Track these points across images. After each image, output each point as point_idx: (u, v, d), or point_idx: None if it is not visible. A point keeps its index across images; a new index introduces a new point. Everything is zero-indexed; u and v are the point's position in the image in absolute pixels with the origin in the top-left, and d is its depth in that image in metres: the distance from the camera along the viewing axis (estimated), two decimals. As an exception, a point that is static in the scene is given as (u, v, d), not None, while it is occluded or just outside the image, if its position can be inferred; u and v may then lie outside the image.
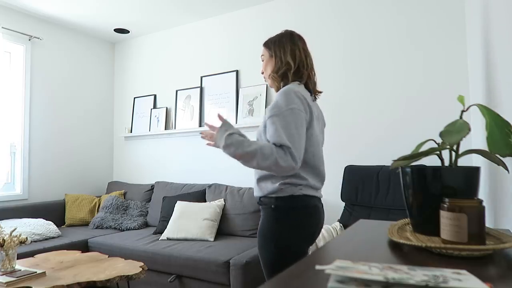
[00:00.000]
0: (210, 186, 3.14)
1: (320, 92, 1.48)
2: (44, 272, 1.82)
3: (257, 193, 1.39)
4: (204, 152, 3.46)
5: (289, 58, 1.39)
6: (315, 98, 1.47)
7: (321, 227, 1.43)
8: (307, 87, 1.41)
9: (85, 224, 3.41)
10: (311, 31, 2.96)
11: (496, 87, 1.32)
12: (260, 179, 1.36)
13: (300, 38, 1.46)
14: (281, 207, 1.31)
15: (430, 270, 0.51)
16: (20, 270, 1.82)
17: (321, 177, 1.39)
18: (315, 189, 1.37)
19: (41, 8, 3.31)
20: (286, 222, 1.30)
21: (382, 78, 2.64)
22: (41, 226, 2.87)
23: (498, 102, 1.27)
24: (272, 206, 1.32)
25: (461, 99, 0.90)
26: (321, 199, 1.45)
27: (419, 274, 0.48)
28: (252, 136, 3.12)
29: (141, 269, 1.94)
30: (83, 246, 2.83)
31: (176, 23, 3.70)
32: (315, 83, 1.45)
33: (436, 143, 0.84)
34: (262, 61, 1.49)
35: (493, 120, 0.81)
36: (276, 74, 1.41)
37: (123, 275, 1.82)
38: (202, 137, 1.35)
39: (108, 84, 4.19)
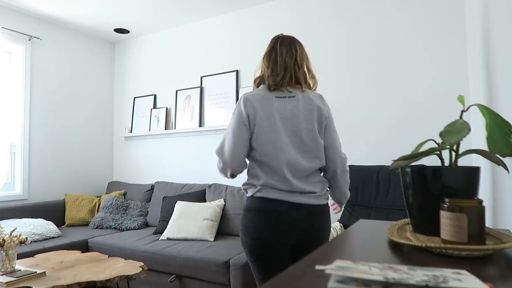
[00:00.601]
0: (210, 186, 3.14)
1: (300, 85, 1.41)
2: (44, 272, 1.82)
3: None
4: (204, 152, 3.46)
5: (260, 65, 1.51)
6: (294, 93, 1.38)
7: (294, 233, 1.32)
8: (271, 86, 1.39)
9: (85, 224, 3.41)
10: (312, 31, 2.96)
11: (496, 87, 1.32)
12: None
13: (277, 39, 1.47)
14: (244, 207, 1.41)
15: (430, 270, 0.51)
16: (20, 270, 1.82)
17: (280, 177, 1.31)
18: (279, 190, 1.31)
19: (41, 8, 3.31)
20: (242, 221, 1.40)
21: (382, 79, 2.64)
22: (41, 226, 2.87)
23: (498, 102, 1.27)
24: (243, 205, 1.44)
25: (461, 99, 0.90)
26: (305, 204, 1.33)
27: (419, 274, 0.48)
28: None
29: (141, 269, 1.94)
30: (83, 246, 2.83)
31: (176, 23, 3.70)
32: (273, 80, 1.39)
33: (436, 143, 0.84)
34: None
35: (493, 120, 0.81)
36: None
37: (123, 275, 1.82)
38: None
39: (108, 84, 4.19)
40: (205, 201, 3.06)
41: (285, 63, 1.40)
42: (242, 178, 1.48)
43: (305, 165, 1.35)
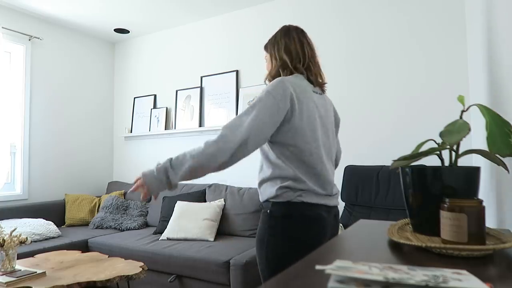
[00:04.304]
0: (210, 186, 3.14)
1: (324, 83, 1.36)
2: (44, 272, 1.82)
3: (260, 197, 1.30)
4: (204, 152, 3.46)
5: (283, 54, 1.30)
6: (322, 91, 1.36)
7: (330, 238, 1.22)
8: (308, 79, 1.30)
9: (85, 224, 3.41)
10: (312, 31, 2.95)
11: (496, 87, 1.32)
12: (260, 183, 1.28)
13: (297, 30, 1.34)
14: (277, 214, 1.20)
15: (430, 270, 0.51)
16: (20, 270, 1.82)
17: (321, 180, 1.22)
18: (319, 195, 1.21)
19: (41, 8, 3.32)
20: (279, 231, 1.20)
21: (382, 79, 2.64)
22: (41, 226, 2.87)
23: (499, 102, 1.27)
24: (268, 211, 1.22)
25: (461, 99, 0.90)
26: (334, 206, 1.29)
27: (419, 274, 0.48)
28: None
29: (141, 269, 1.94)
30: (83, 246, 2.83)
31: (176, 23, 3.70)
32: (315, 74, 1.31)
33: (436, 143, 0.84)
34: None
35: (493, 120, 0.81)
36: (270, 75, 1.33)
37: (123, 275, 1.82)
38: (131, 191, 1.19)
39: (108, 84, 4.19)
40: (205, 201, 3.06)
41: (316, 59, 1.32)
42: (242, 177, 1.45)
43: (331, 166, 1.31)
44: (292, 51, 1.29)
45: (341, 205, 2.54)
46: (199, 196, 3.09)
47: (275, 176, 1.22)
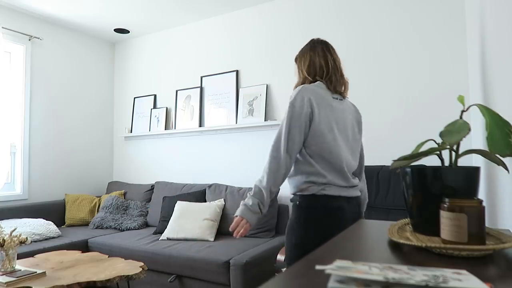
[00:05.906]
0: (210, 186, 3.14)
1: (344, 91, 1.50)
2: (44, 272, 1.82)
3: (290, 190, 1.48)
4: (204, 152, 3.46)
5: (308, 68, 1.49)
6: (343, 97, 1.51)
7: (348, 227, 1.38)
8: (328, 87, 1.45)
9: (85, 224, 3.41)
10: (313, 31, 2.96)
11: (495, 87, 1.32)
12: (289, 176, 1.45)
13: (321, 43, 1.51)
14: (304, 205, 1.40)
15: (430, 270, 0.51)
16: (20, 270, 1.82)
17: (341, 174, 1.40)
18: (340, 187, 1.38)
19: (41, 8, 3.32)
20: (305, 220, 1.38)
21: (382, 78, 2.64)
22: (41, 226, 2.87)
23: (498, 102, 1.27)
24: (297, 203, 1.42)
25: (461, 99, 0.90)
26: (355, 197, 1.44)
27: (419, 274, 0.48)
28: (250, 135, 3.12)
29: (141, 269, 1.94)
30: (83, 246, 2.83)
31: (176, 23, 3.70)
32: (337, 84, 1.47)
33: (436, 143, 0.84)
34: None
35: (493, 120, 0.81)
36: (297, 85, 1.49)
37: (123, 275, 1.82)
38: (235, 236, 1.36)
39: (108, 84, 4.19)
40: (205, 201, 3.06)
41: (341, 71, 1.50)
42: (242, 177, 1.46)
43: (352, 162, 1.47)
44: (316, 65, 1.47)
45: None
46: (199, 196, 3.09)
47: (300, 171, 1.41)
